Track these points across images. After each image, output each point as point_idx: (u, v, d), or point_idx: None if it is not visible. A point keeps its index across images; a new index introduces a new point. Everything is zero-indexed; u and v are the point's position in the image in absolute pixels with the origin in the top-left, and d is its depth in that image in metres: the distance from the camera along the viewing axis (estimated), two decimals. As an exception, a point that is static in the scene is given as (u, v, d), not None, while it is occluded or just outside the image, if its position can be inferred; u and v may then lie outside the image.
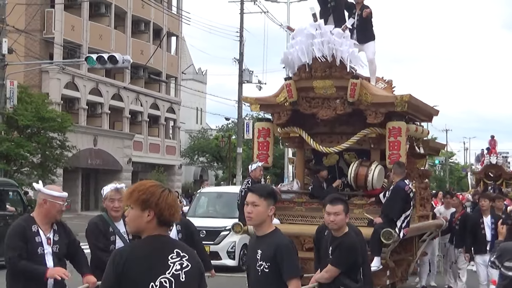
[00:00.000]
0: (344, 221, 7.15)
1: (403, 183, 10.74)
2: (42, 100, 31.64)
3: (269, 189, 5.45)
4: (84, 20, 44.21)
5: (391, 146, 11.20)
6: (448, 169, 77.83)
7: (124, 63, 25.58)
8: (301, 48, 11.07)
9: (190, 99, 57.97)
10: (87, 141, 42.81)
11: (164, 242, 3.96)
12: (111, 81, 46.64)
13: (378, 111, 11.18)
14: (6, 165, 28.40)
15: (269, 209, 5.26)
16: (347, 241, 7.13)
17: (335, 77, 11.21)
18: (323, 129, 12.02)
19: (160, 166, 49.16)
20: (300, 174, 12.38)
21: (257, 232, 5.40)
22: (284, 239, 5.30)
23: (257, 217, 5.27)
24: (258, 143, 12.04)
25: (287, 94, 11.38)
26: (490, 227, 12.22)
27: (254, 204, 5.26)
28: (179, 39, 55.63)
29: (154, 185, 3.99)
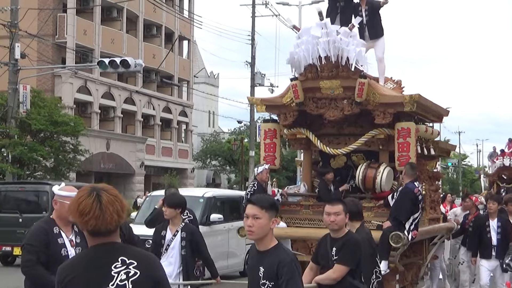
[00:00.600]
0: (344, 221, 6.87)
1: (412, 185, 10.40)
2: (55, 105, 31.83)
3: (271, 200, 5.11)
4: (96, 24, 44.26)
5: (400, 148, 10.85)
6: (461, 171, 77.11)
7: (136, 67, 25.66)
8: (307, 47, 10.74)
9: (202, 102, 57.82)
10: (99, 145, 42.77)
11: (107, 251, 3.58)
12: (124, 85, 46.62)
13: (386, 111, 10.83)
14: (20, 169, 28.61)
15: (271, 222, 4.88)
16: (352, 239, 6.85)
17: (342, 77, 10.85)
18: (330, 130, 11.67)
19: (173, 170, 49.02)
20: (307, 176, 12.04)
21: (258, 246, 4.98)
22: (286, 256, 4.89)
23: (259, 231, 4.86)
24: (265, 144, 11.70)
25: (293, 95, 11.04)
26: (496, 231, 11.92)
27: (255, 216, 4.86)
28: (191, 42, 55.55)
29: (77, 193, 3.69)
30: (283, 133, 11.87)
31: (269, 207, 4.89)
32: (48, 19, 38.75)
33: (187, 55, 55.79)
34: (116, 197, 3.61)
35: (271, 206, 4.91)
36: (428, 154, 12.06)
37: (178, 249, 8.78)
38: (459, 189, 65.75)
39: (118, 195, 3.66)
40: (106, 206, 3.54)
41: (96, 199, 3.54)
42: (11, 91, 28.18)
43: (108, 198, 3.57)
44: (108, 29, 45.25)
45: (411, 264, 11.93)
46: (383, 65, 12.00)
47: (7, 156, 28.19)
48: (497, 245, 11.91)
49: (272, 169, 11.66)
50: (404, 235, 10.30)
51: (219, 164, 56.43)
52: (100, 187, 3.63)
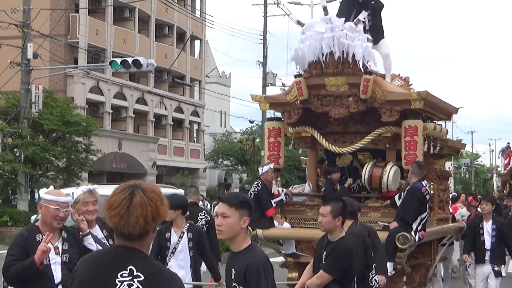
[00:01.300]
0: (330, 223, 6.55)
1: (420, 184, 10.07)
2: (67, 105, 31.86)
3: (242, 198, 4.77)
4: (108, 24, 44.06)
5: (407, 146, 10.52)
6: (473, 171, 76.48)
7: (148, 67, 25.62)
8: (311, 43, 10.43)
9: (214, 102, 57.58)
10: (111, 145, 42.57)
11: (121, 256, 3.23)
12: (136, 85, 46.42)
13: (393, 109, 10.49)
14: (32, 170, 28.76)
15: (242, 221, 4.61)
16: (341, 246, 6.51)
17: (348, 73, 10.54)
18: (336, 129, 11.34)
19: (185, 170, 48.81)
20: (312, 175, 11.72)
21: (231, 247, 4.74)
22: (255, 259, 4.55)
23: (228, 230, 4.61)
24: (269, 143, 11.39)
25: (297, 92, 10.72)
26: (490, 233, 11.21)
27: (223, 215, 4.61)
28: (203, 42, 55.31)
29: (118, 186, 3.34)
30: (287, 132, 11.56)
31: (239, 205, 4.61)
32: (60, 19, 38.58)
33: (199, 55, 55.48)
34: (152, 200, 3.25)
35: (241, 204, 4.63)
36: (437, 152, 11.72)
37: (187, 251, 8.50)
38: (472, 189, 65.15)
39: (157, 199, 3.29)
40: (135, 207, 3.21)
41: (128, 196, 3.24)
42: (23, 91, 28.25)
43: (141, 199, 3.23)
44: (120, 29, 45.05)
45: (419, 266, 11.61)
46: (389, 61, 11.67)
47: (20, 156, 28.28)
48: (491, 249, 11.17)
49: (276, 168, 11.35)
50: (411, 236, 9.99)
51: (231, 164, 56.15)
52: (141, 185, 3.31)
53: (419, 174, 10.06)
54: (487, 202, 11.39)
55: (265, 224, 10.91)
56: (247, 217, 4.61)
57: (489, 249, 11.10)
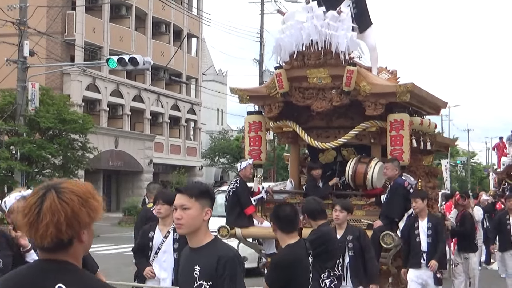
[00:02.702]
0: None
1: (401, 180, 9.49)
2: (64, 102, 31.54)
3: (202, 187, 4.24)
4: (105, 22, 43.64)
5: (393, 141, 9.89)
6: (469, 169, 75.86)
7: (144, 64, 25.27)
8: (292, 33, 9.79)
9: (211, 100, 57.04)
10: (108, 142, 42.13)
11: (45, 272, 2.54)
12: (132, 83, 45.98)
13: (377, 102, 9.86)
14: (28, 167, 28.48)
15: (203, 213, 4.10)
16: (277, 256, 5.90)
17: (331, 65, 9.91)
18: (319, 123, 10.71)
19: (181, 167, 48.25)
20: (294, 172, 11.08)
21: (191, 242, 4.17)
22: (228, 251, 4.10)
23: (189, 223, 4.07)
24: (249, 138, 10.74)
25: (278, 84, 10.09)
26: (425, 233, 9.45)
27: (183, 207, 4.07)
28: (200, 40, 54.80)
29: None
30: (269, 126, 10.94)
31: (200, 195, 4.10)
32: (57, 17, 38.18)
33: (195, 52, 54.93)
34: (67, 204, 2.53)
35: (202, 194, 4.12)
36: (425, 148, 11.08)
37: (171, 252, 7.71)
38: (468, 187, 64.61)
39: (75, 201, 2.56)
40: (45, 213, 2.51)
41: (39, 200, 2.54)
42: (20, 89, 27.90)
43: (52, 203, 2.52)
44: (116, 26, 44.58)
45: (406, 266, 10.95)
46: (376, 53, 11.02)
47: (16, 153, 27.99)
48: (427, 251, 9.43)
49: (257, 164, 10.72)
50: (396, 235, 9.38)
51: (228, 161, 55.43)
52: (58, 185, 2.58)
53: (396, 170, 9.46)
54: (417, 199, 9.50)
55: (244, 223, 10.31)
56: (209, 208, 4.12)
57: (425, 251, 9.43)
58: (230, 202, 10.37)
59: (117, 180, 46.11)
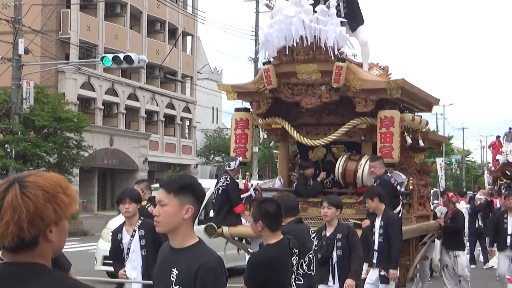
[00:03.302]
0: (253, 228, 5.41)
1: (388, 177, 9.24)
2: (59, 101, 31.36)
3: (183, 182, 3.70)
4: (99, 20, 43.41)
5: (383, 138, 9.62)
6: (464, 167, 75.63)
7: (139, 63, 24.87)
8: (280, 28, 9.51)
9: (206, 98, 56.73)
10: (103, 141, 41.88)
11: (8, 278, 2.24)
12: (127, 81, 45.73)
13: (368, 99, 9.60)
14: (23, 165, 28.20)
15: (183, 210, 3.60)
16: (254, 256, 5.49)
17: (320, 60, 9.63)
18: (308, 120, 10.43)
19: (176, 166, 47.95)
20: (284, 170, 10.80)
21: (172, 242, 3.72)
22: (211, 257, 3.60)
23: (165, 221, 3.62)
24: (235, 135, 10.45)
25: (266, 80, 9.82)
26: (378, 232, 8.92)
27: (161, 203, 3.64)
28: (195, 38, 54.57)
29: None
30: (257, 123, 10.66)
31: (179, 191, 3.61)
32: (52, 15, 37.80)
33: (190, 51, 54.69)
34: (30, 199, 2.23)
35: (181, 189, 3.62)
36: (416, 145, 10.83)
37: (139, 250, 7.46)
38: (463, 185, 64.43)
39: (40, 196, 2.25)
40: (5, 210, 2.21)
41: (1, 195, 2.25)
42: (14, 87, 27.65)
43: (14, 198, 2.23)
44: (111, 25, 44.33)
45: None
46: (367, 49, 10.74)
47: (11, 152, 27.74)
48: (378, 250, 8.96)
49: (243, 162, 10.44)
50: (386, 234, 9.10)
51: (223, 160, 55.20)
52: (23, 179, 2.28)
53: (383, 167, 9.21)
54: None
55: (232, 221, 10.04)
56: (190, 205, 3.60)
57: (377, 250, 8.97)
58: (219, 200, 10.10)
59: (112, 179, 45.84)
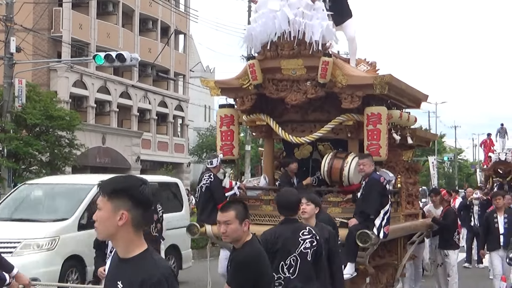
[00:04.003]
0: (237, 232, 5.17)
1: (377, 175, 8.93)
2: (51, 99, 31.13)
3: (118, 184, 3.28)
4: (92, 18, 43.06)
5: (370, 135, 9.32)
6: (457, 165, 75.48)
7: (132, 61, 24.78)
8: (264, 22, 9.21)
9: (198, 96, 56.35)
10: (95, 139, 41.52)
11: None
12: (119, 79, 45.35)
13: (354, 95, 9.28)
14: (15, 164, 27.98)
15: (117, 216, 3.19)
16: (241, 254, 5.17)
17: (305, 55, 9.32)
18: (294, 116, 10.12)
19: (169, 164, 47.71)
20: (269, 168, 10.49)
21: (118, 251, 3.35)
22: (155, 271, 3.18)
23: (100, 228, 3.25)
24: (221, 132, 10.15)
25: (251, 76, 9.51)
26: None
27: (98, 207, 3.26)
28: (187, 37, 54.16)
29: None
30: (242, 120, 10.36)
31: (112, 194, 3.21)
32: (44, 13, 37.60)
33: (183, 49, 54.30)
34: None
35: (116, 192, 3.21)
36: (404, 143, 10.53)
37: None
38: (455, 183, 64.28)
39: None
40: None
41: None
42: (6, 85, 27.46)
43: None
44: (104, 23, 43.99)
45: (386, 265, 10.42)
46: (355, 45, 10.46)
47: (3, 150, 27.43)
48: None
49: (229, 159, 10.15)
50: (372, 233, 8.80)
51: (215, 158, 55.20)
52: None
53: (373, 165, 8.92)
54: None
55: (216, 220, 9.70)
56: (125, 211, 3.18)
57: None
58: (203, 198, 9.81)
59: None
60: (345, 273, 8.67)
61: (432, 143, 65.79)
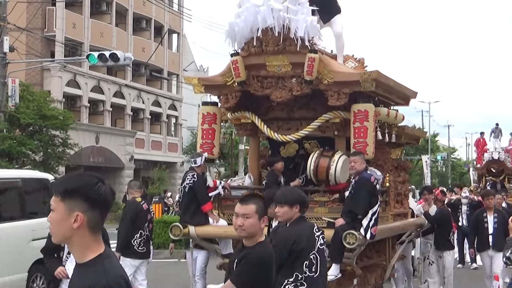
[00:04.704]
0: (255, 226, 4.86)
1: (367, 174, 8.60)
2: (44, 98, 31.20)
3: (72, 183, 2.93)
4: (85, 17, 42.80)
5: (357, 133, 9.02)
6: (450, 164, 75.26)
7: (125, 60, 24.83)
8: (247, 17, 8.90)
9: (192, 96, 55.59)
10: (89, 138, 41.27)
11: None
12: (113, 79, 45.07)
13: (341, 92, 8.99)
14: (9, 163, 28.01)
15: (71, 218, 2.86)
16: (252, 255, 4.85)
17: (290, 52, 9.02)
18: (279, 114, 9.81)
19: (162, 164, 47.42)
20: (254, 167, 10.19)
21: (75, 256, 2.99)
22: (101, 278, 2.85)
23: (53, 230, 2.93)
24: (202, 130, 9.81)
25: (234, 72, 9.20)
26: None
27: (51, 207, 2.93)
28: (181, 36, 53.88)
29: None
30: (227, 117, 10.05)
31: (66, 194, 2.89)
32: (37, 12, 37.32)
33: (176, 48, 54.03)
34: None
35: (69, 193, 2.89)
36: (393, 141, 10.23)
37: None
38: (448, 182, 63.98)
39: None
40: None
41: None
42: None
43: None
44: (97, 22, 43.69)
45: (374, 266, 10.13)
46: (342, 41, 10.17)
47: (-4, 149, 27.21)
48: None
49: (210, 158, 9.83)
50: (359, 234, 8.49)
51: (209, 157, 54.94)
52: None
53: (364, 163, 8.61)
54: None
55: (199, 221, 9.42)
56: (79, 212, 2.87)
57: None
58: (186, 199, 9.49)
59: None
60: (330, 274, 8.38)
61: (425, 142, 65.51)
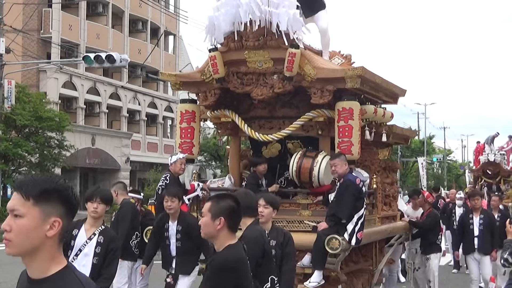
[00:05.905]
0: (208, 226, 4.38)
1: (352, 176, 8.03)
2: (40, 100, 31.14)
3: (49, 184, 2.50)
4: (81, 19, 42.50)
5: (341, 132, 8.45)
6: (446, 166, 74.79)
7: (121, 62, 24.79)
8: (227, 11, 8.35)
9: (188, 98, 55.70)
10: (85, 140, 40.85)
11: None
12: (109, 80, 44.69)
13: (324, 89, 8.42)
14: (4, 165, 28.24)
15: (47, 225, 2.45)
16: (218, 259, 4.36)
17: (272, 47, 8.47)
18: (261, 113, 9.26)
19: (158, 165, 46.93)
20: (235, 167, 9.61)
21: (29, 271, 2.50)
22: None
23: (18, 240, 2.43)
24: (181, 129, 9.24)
25: (212, 69, 8.65)
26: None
27: (14, 212, 2.45)
28: (177, 37, 53.64)
29: None
30: (206, 116, 9.50)
31: (42, 196, 2.45)
32: (33, 14, 37.08)
33: (172, 50, 53.80)
34: None
35: (46, 194, 2.46)
36: (380, 140, 9.67)
37: (91, 256, 6.41)
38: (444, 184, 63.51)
39: None
40: None
41: None
42: (-5, 86, 26.80)
43: None
44: (93, 24, 43.35)
45: (361, 271, 9.57)
46: (328, 37, 9.59)
47: (-8, 151, 27.05)
48: None
49: (189, 158, 9.27)
50: (343, 238, 7.94)
51: (205, 159, 54.00)
52: None
53: (346, 165, 8.04)
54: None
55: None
56: (57, 218, 2.46)
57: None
58: (159, 200, 8.95)
59: (94, 178, 44.75)
60: (312, 281, 7.89)
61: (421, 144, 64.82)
